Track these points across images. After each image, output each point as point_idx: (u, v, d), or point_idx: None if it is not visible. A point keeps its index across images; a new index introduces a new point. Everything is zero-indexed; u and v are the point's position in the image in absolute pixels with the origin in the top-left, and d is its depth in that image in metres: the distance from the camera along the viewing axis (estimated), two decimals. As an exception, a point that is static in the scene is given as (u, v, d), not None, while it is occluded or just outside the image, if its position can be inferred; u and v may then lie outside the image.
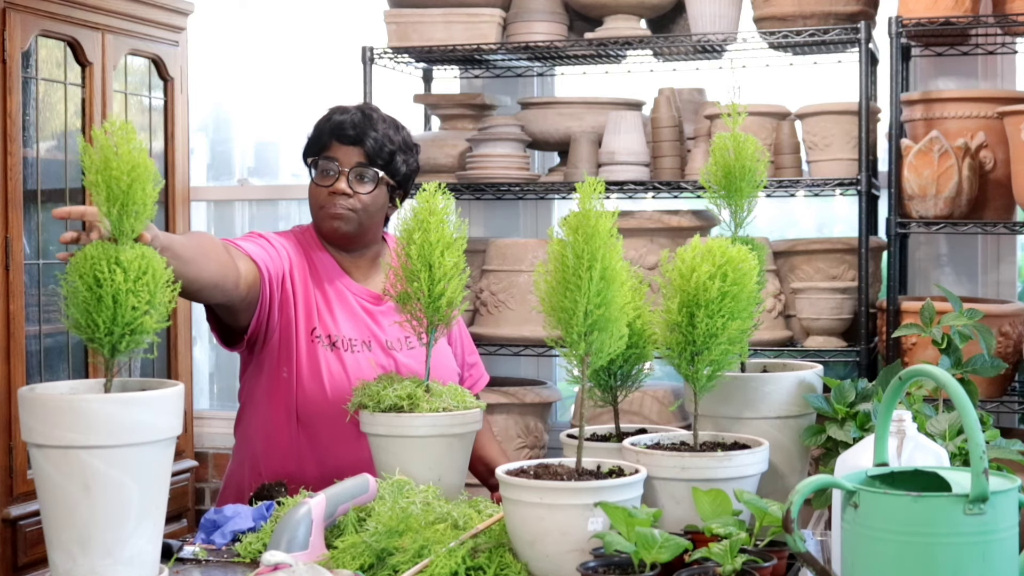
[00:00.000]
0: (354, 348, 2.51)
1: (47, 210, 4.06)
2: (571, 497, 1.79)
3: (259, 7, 4.97)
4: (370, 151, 2.51)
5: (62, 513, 1.73)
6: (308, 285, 2.52)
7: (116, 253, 1.77)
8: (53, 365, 4.09)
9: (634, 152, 3.84)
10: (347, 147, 2.52)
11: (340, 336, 2.50)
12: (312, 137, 2.57)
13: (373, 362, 2.48)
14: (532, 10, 3.98)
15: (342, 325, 2.51)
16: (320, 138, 2.55)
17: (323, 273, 2.55)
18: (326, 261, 2.56)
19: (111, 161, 1.78)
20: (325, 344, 2.49)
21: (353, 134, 2.51)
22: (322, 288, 2.54)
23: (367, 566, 1.88)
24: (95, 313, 1.76)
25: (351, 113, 2.55)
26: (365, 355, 2.51)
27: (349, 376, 2.47)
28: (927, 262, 3.98)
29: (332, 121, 2.54)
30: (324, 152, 2.53)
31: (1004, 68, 3.92)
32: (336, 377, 2.47)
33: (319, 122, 2.58)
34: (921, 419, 2.06)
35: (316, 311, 2.51)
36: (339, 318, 2.52)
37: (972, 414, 1.49)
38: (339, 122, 2.53)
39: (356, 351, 2.51)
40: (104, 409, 1.72)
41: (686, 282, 1.99)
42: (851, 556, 1.52)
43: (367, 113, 2.55)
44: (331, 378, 2.47)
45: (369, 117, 2.54)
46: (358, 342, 2.51)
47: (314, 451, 2.48)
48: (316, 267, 2.55)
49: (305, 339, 2.48)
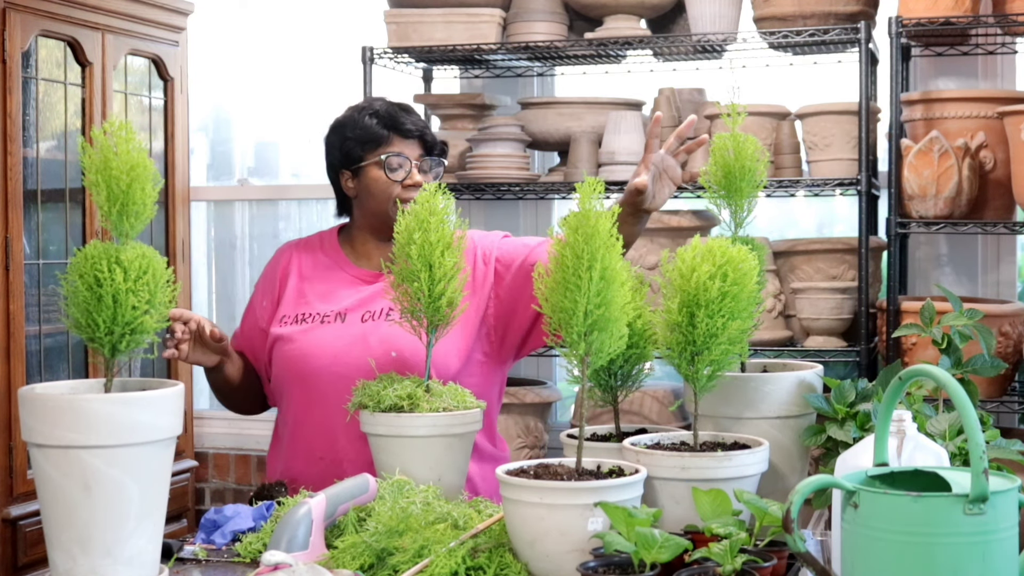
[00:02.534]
0: (327, 320, 2.57)
1: (47, 210, 4.06)
2: (571, 497, 1.79)
3: (259, 7, 4.97)
4: (430, 142, 2.61)
5: (62, 513, 1.73)
6: (301, 281, 2.63)
7: (116, 253, 1.78)
8: (53, 365, 4.09)
9: (634, 152, 3.84)
10: (408, 140, 2.59)
11: (317, 313, 2.58)
12: (357, 136, 2.59)
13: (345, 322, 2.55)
14: (532, 10, 3.98)
15: (324, 304, 2.59)
16: (374, 134, 2.58)
17: (325, 266, 2.64)
18: (335, 257, 2.65)
19: (111, 161, 1.78)
20: (310, 322, 2.57)
21: (413, 128, 2.59)
22: (318, 280, 2.63)
23: (367, 566, 1.88)
24: (95, 313, 1.76)
25: (391, 107, 2.62)
26: (339, 324, 2.56)
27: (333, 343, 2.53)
28: (927, 262, 3.98)
29: (383, 116, 2.59)
30: (385, 147, 2.58)
31: (1004, 68, 3.92)
32: (327, 346, 2.53)
33: (359, 119, 2.60)
34: (921, 419, 2.06)
35: (306, 300, 2.60)
36: (326, 298, 2.59)
37: (972, 414, 1.49)
38: (391, 114, 2.59)
39: (328, 322, 2.56)
40: (104, 409, 1.72)
41: (686, 282, 1.99)
42: (851, 556, 1.52)
43: (404, 106, 2.65)
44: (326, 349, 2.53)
45: (409, 108, 2.64)
46: (331, 315, 2.57)
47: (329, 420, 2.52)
48: (320, 264, 2.65)
49: (294, 325, 2.58)
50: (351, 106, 2.68)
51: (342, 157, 2.61)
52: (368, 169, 2.58)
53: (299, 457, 2.54)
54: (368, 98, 2.65)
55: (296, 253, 2.68)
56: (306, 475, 2.46)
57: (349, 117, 2.63)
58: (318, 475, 2.39)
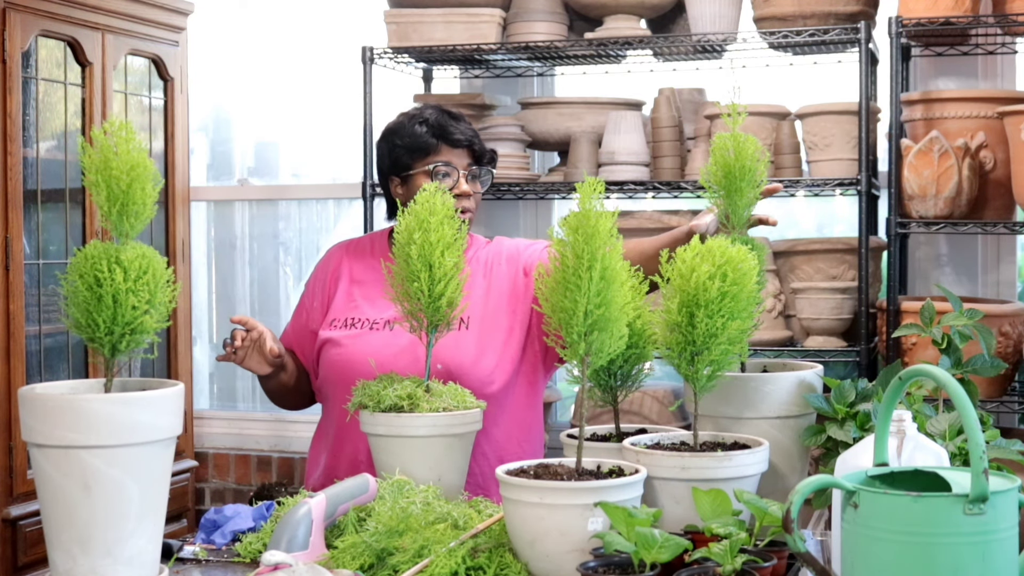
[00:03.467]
0: (376, 327, 2.57)
1: (47, 210, 4.06)
2: (571, 497, 1.79)
3: (259, 7, 4.97)
4: (479, 151, 2.62)
5: (62, 513, 1.73)
6: (352, 285, 2.65)
7: (116, 253, 1.78)
8: (53, 365, 4.09)
9: (634, 152, 3.84)
10: (457, 150, 2.60)
11: (367, 318, 2.59)
12: (406, 144, 2.60)
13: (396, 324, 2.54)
14: (532, 10, 3.98)
15: (374, 310, 2.59)
16: (423, 143, 2.59)
17: (376, 270, 2.61)
18: (377, 264, 2.64)
19: (111, 161, 1.78)
20: (359, 328, 2.58)
21: (462, 137, 2.60)
22: (369, 284, 2.63)
23: (367, 566, 1.88)
24: (95, 313, 1.77)
25: (439, 115, 2.62)
26: (386, 334, 2.56)
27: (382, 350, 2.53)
28: (927, 262, 3.98)
29: (432, 125, 2.60)
30: (434, 156, 2.59)
31: (1004, 68, 3.92)
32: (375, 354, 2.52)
33: (408, 127, 2.61)
34: (921, 419, 2.06)
35: (356, 305, 2.62)
36: (376, 303, 2.59)
37: (972, 414, 1.49)
38: (441, 124, 2.60)
39: (378, 330, 2.57)
40: (104, 409, 1.72)
41: (686, 282, 1.99)
42: (851, 556, 1.52)
43: (454, 114, 2.65)
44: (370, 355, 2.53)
45: (458, 117, 2.64)
46: (380, 322, 2.58)
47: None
48: (371, 269, 2.64)
49: (343, 329, 2.59)
50: (402, 112, 2.70)
51: (391, 164, 2.63)
52: (416, 177, 2.59)
53: (343, 460, 2.54)
54: (421, 104, 2.68)
55: (347, 255, 2.69)
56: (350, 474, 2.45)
57: (399, 124, 2.65)
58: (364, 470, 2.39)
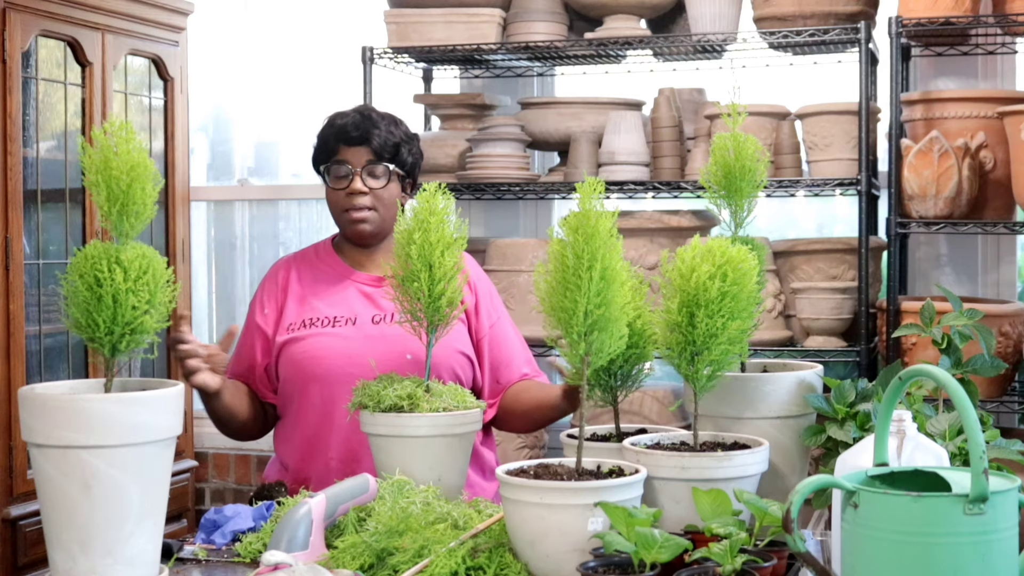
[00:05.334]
0: (338, 323, 2.59)
1: (47, 210, 4.06)
2: (571, 497, 1.79)
3: (259, 7, 4.97)
4: (377, 147, 2.60)
5: (62, 513, 1.73)
6: (304, 291, 2.64)
7: (116, 253, 1.77)
8: (53, 365, 4.09)
9: (634, 152, 3.84)
10: (354, 148, 2.60)
11: (327, 316, 2.60)
12: (318, 146, 2.66)
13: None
14: (532, 10, 3.98)
15: (332, 308, 2.60)
16: (326, 145, 2.64)
17: (327, 275, 2.66)
18: (333, 265, 2.67)
19: (111, 161, 1.78)
20: (320, 326, 2.59)
21: (357, 134, 2.60)
22: (322, 286, 2.64)
23: (367, 566, 1.88)
24: (95, 313, 1.76)
25: (350, 116, 2.64)
26: (350, 328, 2.58)
27: (336, 346, 2.55)
28: (927, 262, 3.98)
29: (335, 126, 2.63)
30: (333, 157, 2.62)
31: (1004, 68, 3.92)
32: (341, 348, 2.55)
33: (322, 131, 2.67)
34: (921, 419, 2.06)
35: (312, 307, 2.61)
36: (333, 303, 2.61)
37: (972, 414, 1.49)
38: (341, 126, 2.62)
39: (340, 325, 2.58)
40: (104, 409, 1.72)
41: (686, 282, 1.99)
42: (851, 556, 1.52)
43: (365, 113, 2.65)
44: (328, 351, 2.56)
45: (368, 116, 2.63)
46: (342, 319, 2.59)
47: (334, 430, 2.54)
48: (321, 273, 2.66)
49: (302, 329, 2.58)
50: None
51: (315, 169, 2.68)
52: (328, 179, 2.64)
53: (318, 457, 2.54)
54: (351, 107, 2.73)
55: (295, 265, 2.69)
56: (323, 476, 2.46)
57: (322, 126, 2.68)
58: (334, 476, 2.38)
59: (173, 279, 1.84)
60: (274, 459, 2.68)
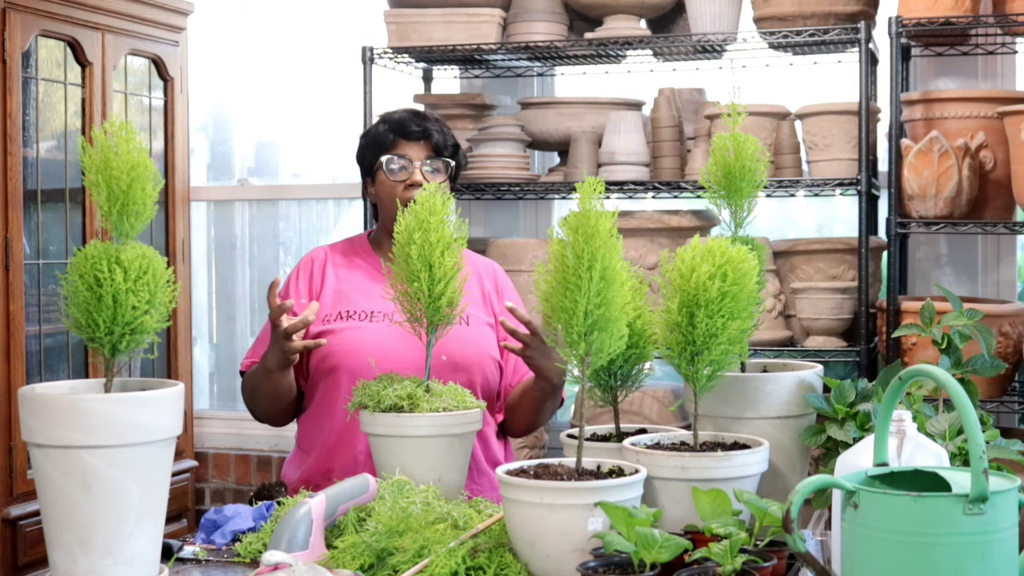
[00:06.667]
0: (375, 318, 2.60)
1: (47, 210, 4.06)
2: (571, 497, 1.79)
3: (259, 7, 4.97)
4: (436, 143, 2.66)
5: (62, 513, 1.73)
6: (339, 282, 2.65)
7: (116, 253, 1.77)
8: (53, 365, 4.09)
9: (634, 152, 3.84)
10: (413, 143, 2.66)
11: (364, 311, 2.60)
12: (369, 142, 2.69)
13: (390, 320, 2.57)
14: (532, 10, 3.98)
15: (369, 303, 2.61)
16: (382, 139, 2.67)
17: (362, 268, 2.67)
18: (370, 260, 2.69)
19: (111, 161, 1.78)
20: (357, 320, 2.59)
21: (418, 129, 2.65)
22: (359, 280, 2.65)
23: (367, 566, 1.88)
24: (95, 313, 1.76)
25: (405, 113, 2.69)
26: (386, 324, 2.57)
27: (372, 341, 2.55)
28: (927, 262, 3.98)
29: (391, 121, 2.68)
30: (391, 151, 2.65)
31: (1004, 68, 3.92)
32: (379, 343, 2.55)
33: (374, 128, 2.71)
34: (921, 419, 2.06)
35: (348, 299, 2.63)
36: (369, 297, 2.61)
37: (972, 414, 1.49)
38: (399, 120, 2.67)
39: (377, 321, 2.59)
40: (104, 409, 1.72)
41: (686, 282, 1.99)
42: (851, 556, 1.52)
43: (419, 112, 2.71)
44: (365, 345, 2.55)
45: (423, 115, 2.70)
46: (379, 314, 2.60)
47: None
48: (358, 267, 2.68)
49: (338, 321, 2.59)
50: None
51: (362, 165, 2.72)
52: (378, 174, 2.66)
53: (346, 449, 2.53)
54: (399, 108, 2.76)
55: (331, 253, 2.71)
56: (349, 468, 2.45)
57: (370, 127, 2.73)
58: (361, 469, 2.37)
59: (173, 279, 1.84)
60: (293, 454, 2.67)
